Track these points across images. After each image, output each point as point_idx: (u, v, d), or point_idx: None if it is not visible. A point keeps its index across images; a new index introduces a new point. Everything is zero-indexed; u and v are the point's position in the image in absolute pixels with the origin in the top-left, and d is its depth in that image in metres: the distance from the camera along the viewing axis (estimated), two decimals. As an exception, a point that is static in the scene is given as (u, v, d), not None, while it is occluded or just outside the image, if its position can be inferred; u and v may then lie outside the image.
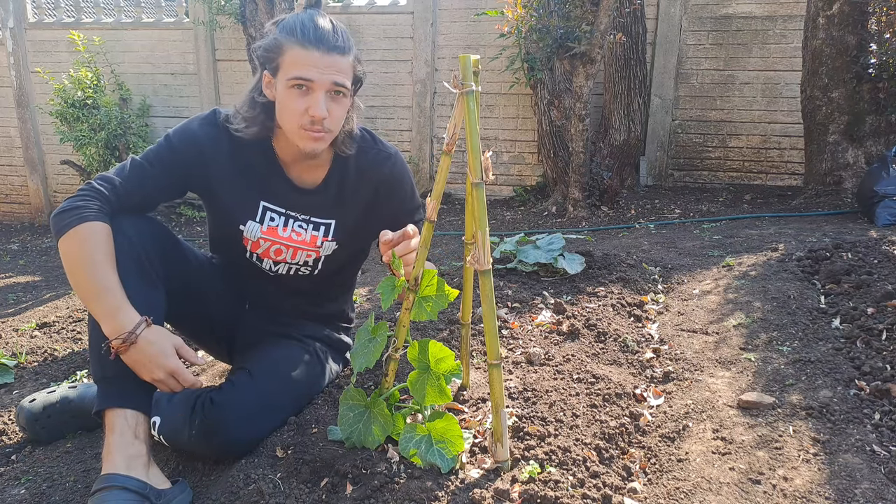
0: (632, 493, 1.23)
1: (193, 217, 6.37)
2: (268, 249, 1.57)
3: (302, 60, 1.34)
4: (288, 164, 1.54)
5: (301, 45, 1.34)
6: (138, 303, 1.29)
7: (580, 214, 4.70)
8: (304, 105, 1.36)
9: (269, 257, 1.58)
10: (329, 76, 1.36)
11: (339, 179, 1.56)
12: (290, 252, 1.58)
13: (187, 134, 1.48)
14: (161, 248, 1.42)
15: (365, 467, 1.24)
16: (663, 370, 1.76)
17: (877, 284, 2.07)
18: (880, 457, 1.28)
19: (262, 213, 1.54)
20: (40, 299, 3.43)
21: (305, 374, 1.55)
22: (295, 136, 1.41)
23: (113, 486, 1.19)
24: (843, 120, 4.34)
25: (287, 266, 1.60)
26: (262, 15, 5.08)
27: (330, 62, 1.35)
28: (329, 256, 1.61)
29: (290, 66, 1.36)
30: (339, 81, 1.37)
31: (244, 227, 1.53)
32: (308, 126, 1.38)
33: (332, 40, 1.36)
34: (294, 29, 1.36)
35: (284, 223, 1.55)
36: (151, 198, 1.46)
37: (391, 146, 1.62)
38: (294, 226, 1.56)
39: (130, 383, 1.29)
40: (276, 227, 1.55)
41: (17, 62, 6.70)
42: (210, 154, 1.48)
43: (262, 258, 1.58)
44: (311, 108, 1.36)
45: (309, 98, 1.36)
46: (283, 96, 1.38)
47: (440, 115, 6.11)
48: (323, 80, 1.35)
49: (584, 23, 4.33)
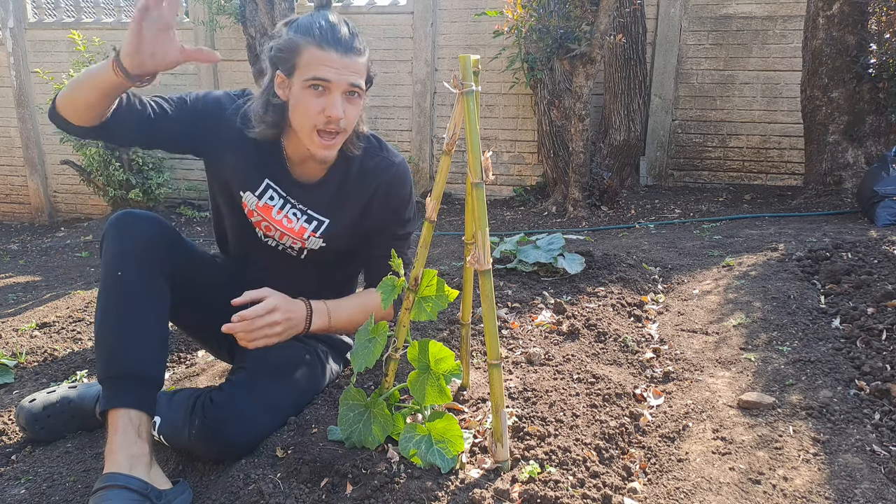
0: (632, 493, 1.23)
1: (193, 217, 6.37)
2: (259, 222, 1.59)
3: (319, 61, 1.35)
4: (294, 164, 1.56)
5: (318, 46, 1.35)
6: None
7: (580, 214, 4.70)
8: (321, 105, 1.38)
9: (261, 229, 1.61)
10: (346, 77, 1.37)
11: (340, 178, 1.58)
12: (278, 234, 1.60)
13: (212, 96, 1.54)
14: (168, 247, 1.44)
15: (365, 467, 1.24)
16: (663, 370, 1.76)
17: (877, 284, 2.07)
18: (880, 457, 1.28)
19: (263, 189, 1.56)
20: (40, 299, 3.43)
21: (306, 374, 1.56)
22: (307, 140, 1.43)
23: (115, 485, 1.19)
24: (843, 120, 4.34)
25: (275, 243, 1.62)
26: (262, 15, 5.08)
27: (347, 63, 1.37)
28: (314, 251, 1.62)
29: (307, 67, 1.37)
30: (356, 82, 1.39)
31: (244, 194, 1.56)
32: (323, 126, 1.39)
33: (350, 42, 1.38)
34: (311, 29, 1.37)
35: (281, 206, 1.57)
36: (157, 127, 1.47)
37: (399, 154, 1.63)
38: (289, 212, 1.57)
39: (135, 383, 1.30)
40: (272, 206, 1.57)
41: (17, 62, 6.70)
42: (228, 120, 1.51)
43: (255, 226, 1.61)
44: (327, 108, 1.37)
45: (325, 98, 1.38)
46: (299, 96, 1.39)
47: (440, 115, 6.11)
48: (340, 81, 1.37)
49: (584, 23, 4.33)
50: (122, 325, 1.32)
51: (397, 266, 1.34)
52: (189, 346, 2.27)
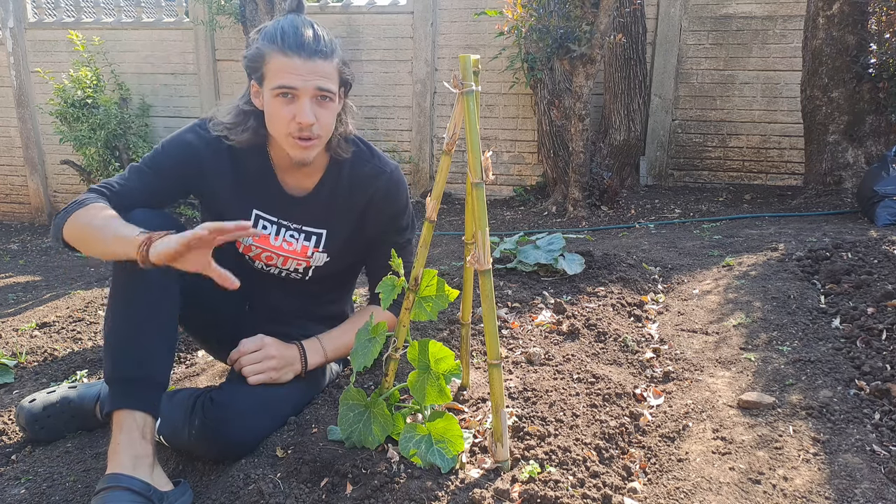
0: (632, 493, 1.23)
1: (194, 217, 6.37)
2: (259, 255, 1.58)
3: (284, 68, 1.34)
4: (282, 170, 1.55)
5: (282, 53, 1.34)
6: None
7: (580, 214, 4.70)
8: (291, 113, 1.36)
9: (261, 261, 1.60)
10: (312, 82, 1.35)
11: (330, 188, 1.56)
12: (281, 260, 1.59)
13: (182, 140, 1.50)
14: None
15: (365, 467, 1.24)
16: (663, 370, 1.76)
17: (877, 284, 2.07)
18: (880, 457, 1.28)
19: (254, 221, 1.55)
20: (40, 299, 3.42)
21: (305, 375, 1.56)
22: (285, 145, 1.42)
23: (117, 486, 1.19)
24: (843, 120, 4.34)
25: (278, 270, 1.62)
26: (262, 15, 5.09)
27: (312, 68, 1.35)
28: (320, 267, 1.61)
29: (273, 75, 1.36)
30: (323, 86, 1.37)
31: None
32: (296, 133, 1.38)
33: (314, 45, 1.35)
34: (275, 36, 1.35)
35: (277, 232, 1.56)
36: (153, 199, 1.46)
37: (391, 162, 1.61)
38: (286, 235, 1.57)
39: (143, 386, 1.30)
40: (268, 235, 1.56)
41: (17, 62, 6.70)
42: (206, 158, 1.50)
43: (255, 260, 1.60)
44: (297, 115, 1.36)
45: (295, 106, 1.36)
46: (270, 105, 1.39)
47: (440, 115, 6.11)
48: (307, 87, 1.35)
49: (584, 23, 4.33)
50: (132, 327, 1.32)
51: (397, 266, 1.34)
52: (189, 346, 2.27)
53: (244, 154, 1.51)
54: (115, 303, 1.34)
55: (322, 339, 1.58)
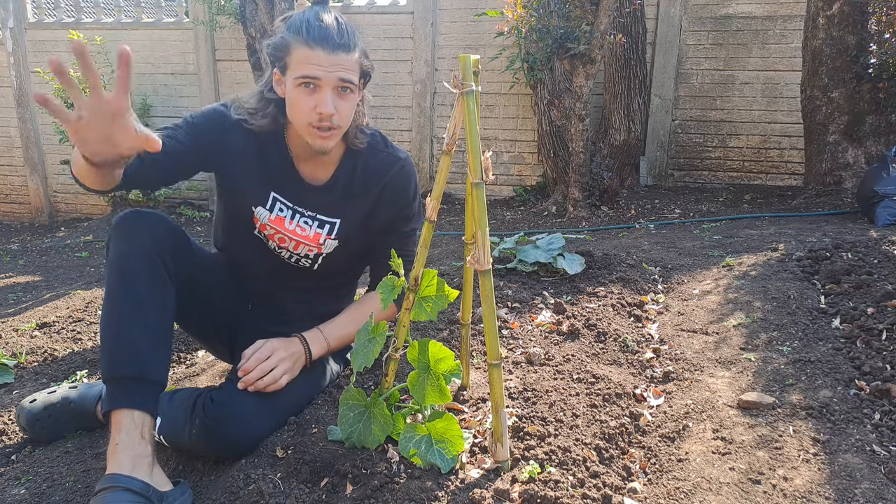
0: (632, 493, 1.23)
1: (193, 217, 6.37)
2: (273, 235, 1.61)
3: (307, 59, 1.37)
4: (299, 159, 1.58)
5: (306, 44, 1.37)
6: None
7: (580, 214, 4.70)
8: (313, 103, 1.39)
9: (274, 241, 1.62)
10: (335, 73, 1.38)
11: (346, 178, 1.59)
12: (293, 244, 1.61)
13: (215, 111, 1.54)
14: (173, 247, 1.45)
15: (365, 467, 1.24)
16: (663, 370, 1.76)
17: (877, 284, 2.07)
18: (880, 457, 1.28)
19: (272, 203, 1.58)
20: (40, 299, 3.42)
21: (306, 374, 1.56)
22: (305, 134, 1.45)
23: (116, 486, 1.19)
24: (843, 120, 4.34)
25: (289, 253, 1.63)
26: (262, 15, 5.08)
27: (335, 60, 1.38)
28: (330, 254, 1.63)
29: (296, 65, 1.39)
30: (346, 77, 1.40)
31: (255, 209, 1.57)
32: (317, 123, 1.41)
33: (337, 38, 1.38)
34: (300, 28, 1.38)
35: (291, 216, 1.59)
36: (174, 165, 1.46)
37: (403, 151, 1.65)
38: (300, 221, 1.59)
39: (140, 385, 1.30)
40: (283, 217, 1.59)
41: (17, 62, 6.70)
42: (233, 134, 1.52)
43: (268, 239, 1.62)
44: (318, 105, 1.39)
45: (317, 96, 1.39)
46: (292, 94, 1.42)
47: (440, 115, 6.11)
48: (329, 78, 1.38)
49: (584, 23, 4.34)
50: (127, 326, 1.32)
51: (397, 266, 1.34)
52: (189, 346, 2.27)
53: (264, 137, 1.54)
54: (109, 301, 1.35)
55: (323, 328, 1.60)
